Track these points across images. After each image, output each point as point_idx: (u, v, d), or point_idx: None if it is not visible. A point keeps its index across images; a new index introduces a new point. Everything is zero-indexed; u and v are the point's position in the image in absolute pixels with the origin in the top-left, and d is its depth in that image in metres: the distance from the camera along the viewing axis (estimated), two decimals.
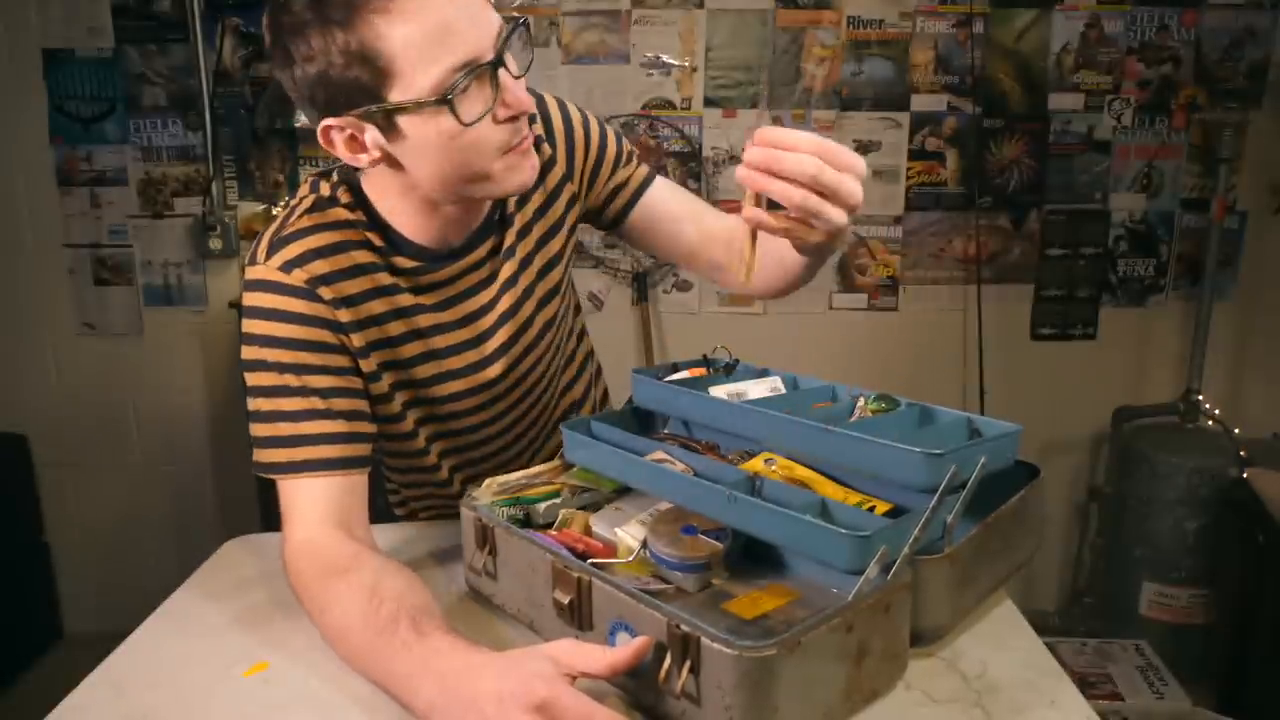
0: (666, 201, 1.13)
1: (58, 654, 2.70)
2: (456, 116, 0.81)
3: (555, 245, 1.08)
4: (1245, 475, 2.19)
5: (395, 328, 0.98)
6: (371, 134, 0.84)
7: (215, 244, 2.54)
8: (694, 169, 2.54)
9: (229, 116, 2.53)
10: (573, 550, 0.85)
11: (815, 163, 0.74)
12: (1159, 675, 2.13)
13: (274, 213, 2.52)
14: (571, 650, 0.69)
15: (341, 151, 0.86)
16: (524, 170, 0.89)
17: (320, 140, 0.86)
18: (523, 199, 1.04)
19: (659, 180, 1.13)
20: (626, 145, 1.12)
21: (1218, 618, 2.33)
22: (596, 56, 2.51)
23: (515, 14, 0.89)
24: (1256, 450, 2.27)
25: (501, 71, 0.82)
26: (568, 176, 1.07)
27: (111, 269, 2.61)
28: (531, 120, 1.02)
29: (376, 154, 0.86)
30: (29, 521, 2.70)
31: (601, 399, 1.33)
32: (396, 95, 0.81)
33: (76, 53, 2.48)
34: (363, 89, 0.81)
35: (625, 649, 0.68)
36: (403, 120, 0.83)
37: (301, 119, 2.42)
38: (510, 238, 1.03)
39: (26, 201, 2.57)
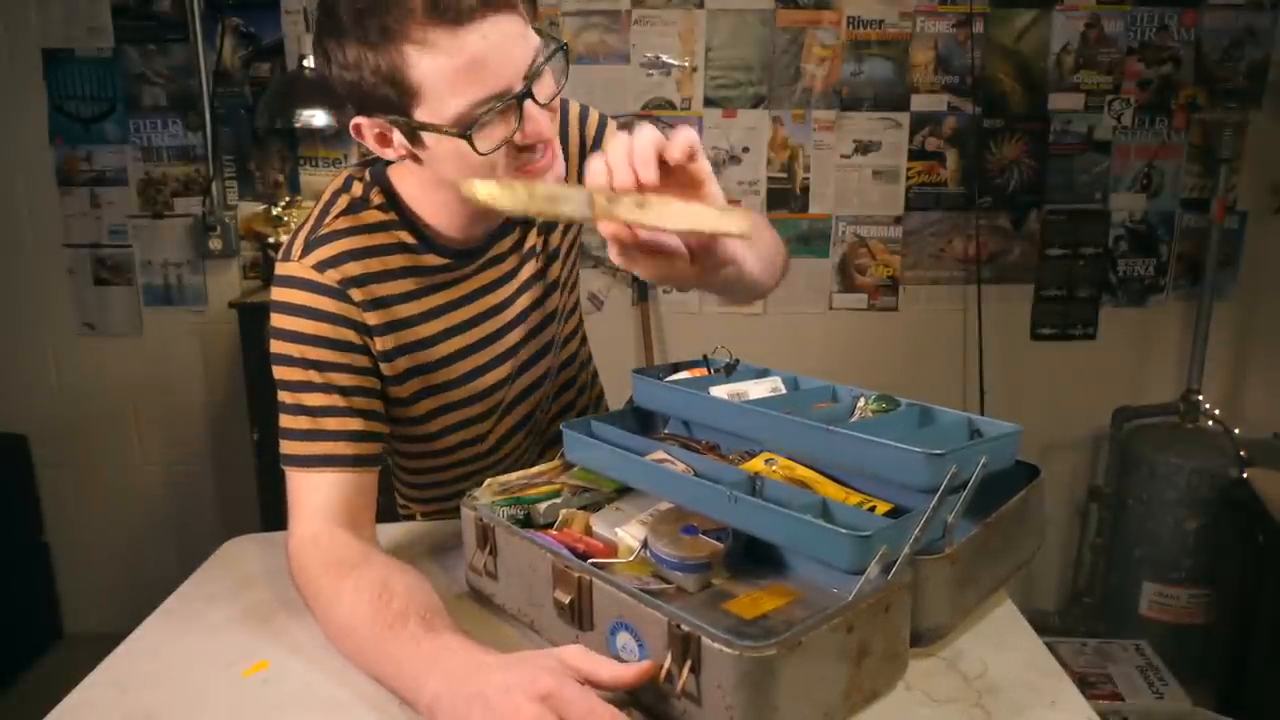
0: None
1: (58, 654, 2.70)
2: (473, 147, 0.82)
3: (554, 240, 1.10)
4: (1245, 475, 2.19)
5: (427, 329, 1.01)
6: (398, 136, 0.87)
7: (215, 244, 2.54)
8: None
9: (229, 116, 2.53)
10: (573, 550, 0.85)
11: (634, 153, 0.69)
12: (1159, 675, 2.13)
13: (274, 212, 2.53)
14: (579, 655, 0.69)
15: (371, 144, 0.89)
16: None
17: (351, 133, 0.89)
18: None
19: None
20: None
21: (1218, 618, 2.33)
22: (596, 56, 2.51)
23: (555, 38, 0.88)
24: (1256, 450, 2.27)
25: (529, 102, 0.83)
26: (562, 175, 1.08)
27: (111, 269, 2.61)
28: None
29: (403, 151, 0.89)
30: (29, 521, 2.70)
31: (596, 400, 1.33)
32: (421, 115, 0.83)
33: (76, 53, 2.48)
34: (391, 103, 0.83)
35: (631, 668, 0.68)
36: (425, 134, 0.85)
37: (301, 119, 2.43)
38: (533, 237, 1.06)
39: (26, 201, 2.57)
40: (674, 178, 0.70)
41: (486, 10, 0.78)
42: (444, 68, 0.79)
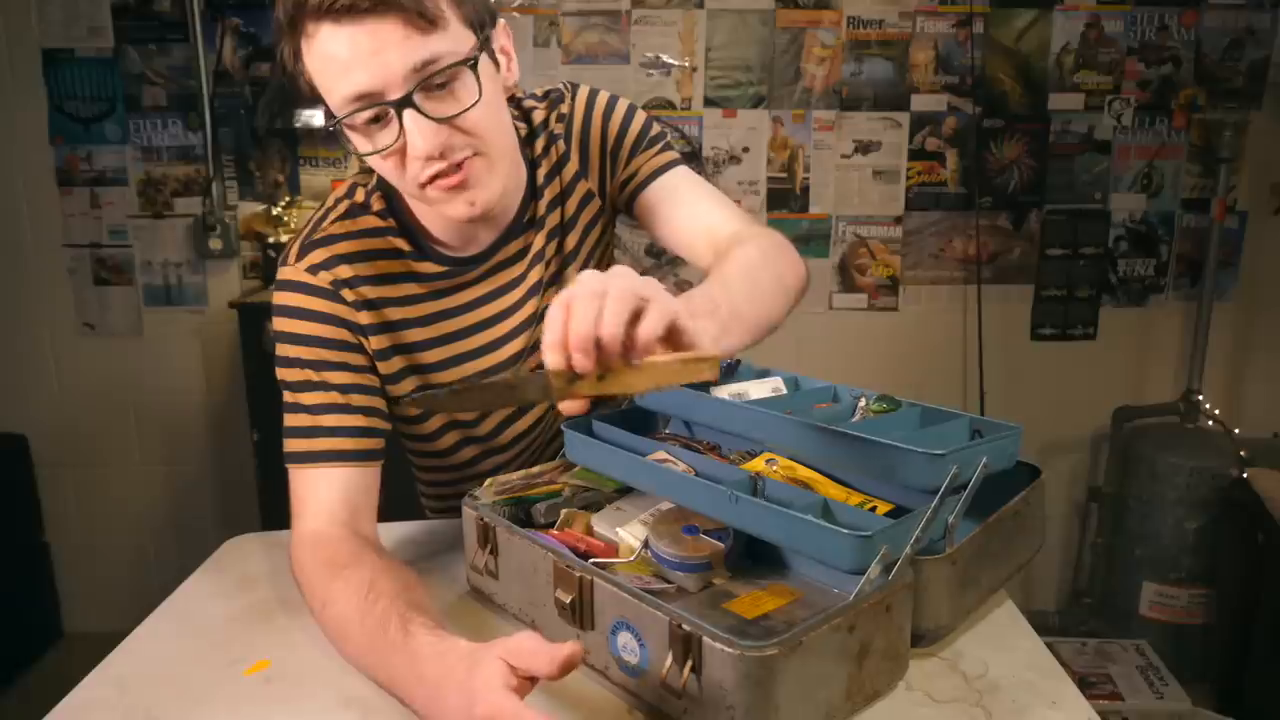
0: (672, 193, 1.08)
1: (58, 654, 2.70)
2: (343, 142, 0.84)
3: (570, 243, 1.07)
4: (1245, 475, 2.19)
5: (420, 334, 1.01)
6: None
7: (215, 244, 2.54)
8: (694, 169, 2.54)
9: (229, 116, 2.53)
10: (574, 550, 0.85)
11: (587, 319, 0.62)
12: (1159, 675, 2.13)
13: (274, 212, 2.53)
14: (522, 652, 0.65)
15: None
16: (453, 204, 0.88)
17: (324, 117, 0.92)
18: (553, 200, 1.04)
19: (676, 170, 1.09)
20: (655, 129, 1.09)
21: (1218, 618, 2.33)
22: (596, 56, 2.51)
23: (469, 55, 0.85)
24: (1256, 450, 2.27)
25: (408, 113, 0.82)
26: (582, 174, 1.07)
27: (111, 269, 2.61)
28: (559, 116, 1.04)
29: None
30: (29, 521, 2.70)
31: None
32: (330, 106, 0.85)
33: (76, 53, 2.48)
34: (308, 95, 0.86)
35: (557, 657, 0.63)
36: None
37: (301, 119, 2.43)
38: (540, 241, 1.04)
39: (26, 201, 2.57)
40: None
41: (368, 13, 0.78)
42: (318, 60, 0.81)
